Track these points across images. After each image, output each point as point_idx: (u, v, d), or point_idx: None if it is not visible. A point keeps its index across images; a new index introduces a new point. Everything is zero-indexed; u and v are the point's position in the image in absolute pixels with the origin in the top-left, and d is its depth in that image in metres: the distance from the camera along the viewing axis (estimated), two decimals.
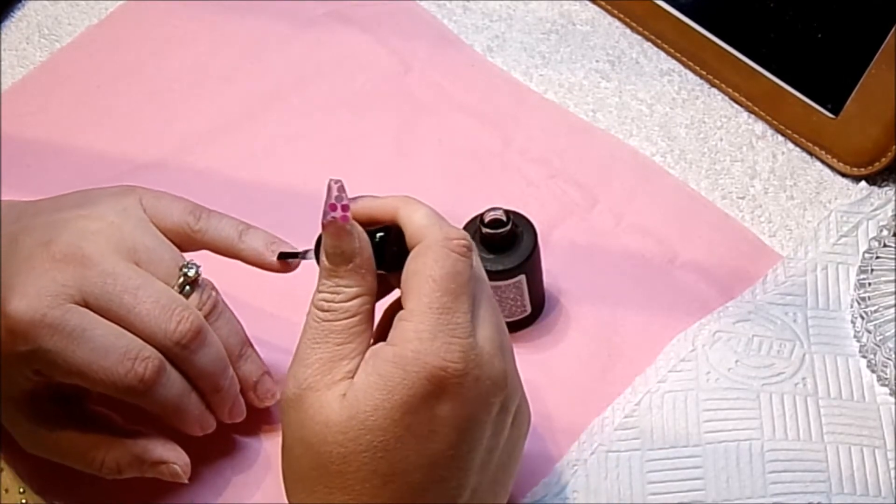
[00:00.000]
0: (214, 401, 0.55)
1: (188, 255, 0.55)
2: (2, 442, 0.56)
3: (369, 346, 0.48)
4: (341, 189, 0.48)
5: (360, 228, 0.48)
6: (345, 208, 0.48)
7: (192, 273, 0.54)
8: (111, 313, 0.51)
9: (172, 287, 0.53)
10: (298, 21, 0.75)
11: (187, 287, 0.53)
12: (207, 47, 0.74)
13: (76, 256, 0.51)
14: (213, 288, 0.55)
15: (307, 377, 0.47)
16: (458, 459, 0.47)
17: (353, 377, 0.47)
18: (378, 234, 0.49)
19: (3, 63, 0.73)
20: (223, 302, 0.56)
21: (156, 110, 0.71)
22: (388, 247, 0.49)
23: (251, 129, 0.70)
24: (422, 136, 0.70)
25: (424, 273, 0.47)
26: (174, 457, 0.54)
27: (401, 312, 0.48)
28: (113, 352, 0.51)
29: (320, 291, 0.48)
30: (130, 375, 0.51)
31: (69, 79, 0.73)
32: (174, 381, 0.53)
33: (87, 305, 0.51)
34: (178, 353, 0.52)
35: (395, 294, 0.51)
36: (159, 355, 0.52)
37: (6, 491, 0.57)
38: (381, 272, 0.49)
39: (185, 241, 0.55)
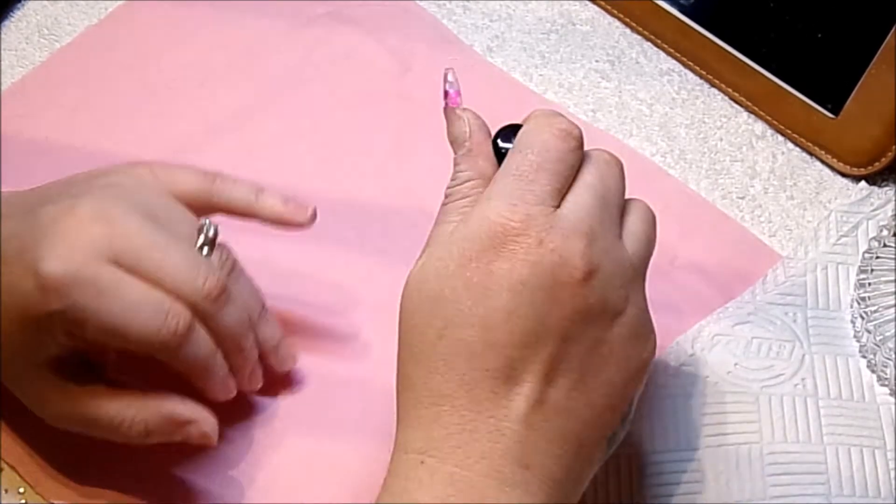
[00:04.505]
0: (237, 362, 0.55)
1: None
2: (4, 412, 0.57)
3: None
4: (452, 76, 0.53)
5: (472, 116, 0.52)
6: (456, 93, 0.52)
7: (211, 232, 0.54)
8: (140, 270, 0.51)
9: (193, 247, 0.54)
10: (298, 21, 0.74)
11: (206, 247, 0.54)
12: (207, 47, 0.74)
13: (103, 217, 0.51)
14: (230, 250, 0.55)
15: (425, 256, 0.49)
16: (510, 324, 0.46)
17: None
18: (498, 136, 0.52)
19: (3, 63, 0.73)
20: (240, 264, 0.56)
21: (156, 110, 0.71)
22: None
23: (251, 129, 0.70)
24: (422, 136, 0.70)
25: (514, 145, 0.50)
26: (203, 417, 0.54)
27: None
28: (145, 307, 0.51)
29: (450, 180, 0.51)
30: (164, 331, 0.51)
31: (69, 79, 0.73)
32: (203, 339, 0.53)
33: (116, 263, 0.51)
34: (205, 309, 0.52)
35: None
36: (189, 312, 0.52)
37: (6, 491, 0.57)
38: None
39: (201, 206, 0.56)
